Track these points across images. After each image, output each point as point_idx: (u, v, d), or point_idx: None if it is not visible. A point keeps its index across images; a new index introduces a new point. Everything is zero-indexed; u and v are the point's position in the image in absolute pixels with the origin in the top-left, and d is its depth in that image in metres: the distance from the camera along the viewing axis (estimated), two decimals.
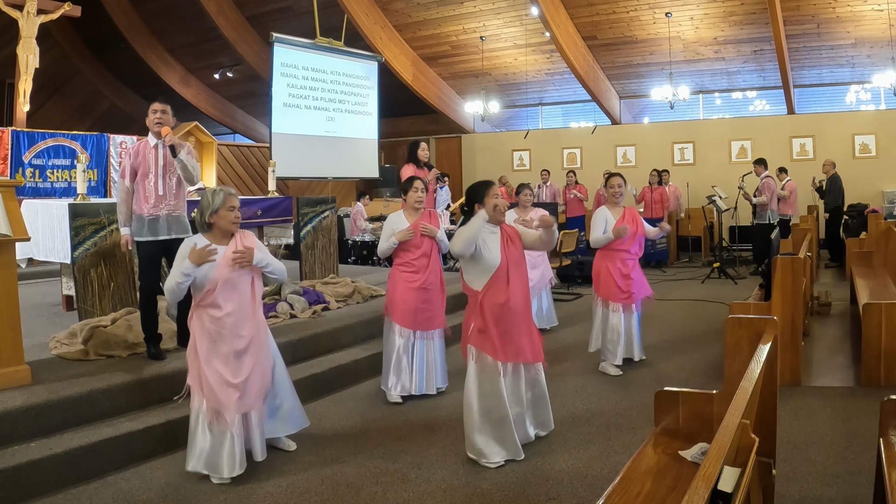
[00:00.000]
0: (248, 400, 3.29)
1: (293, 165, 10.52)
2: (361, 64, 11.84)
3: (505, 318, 3.37)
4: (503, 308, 3.36)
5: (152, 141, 4.16)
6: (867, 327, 4.46)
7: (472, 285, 3.42)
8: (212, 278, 3.23)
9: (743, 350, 2.68)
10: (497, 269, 3.37)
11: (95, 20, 12.96)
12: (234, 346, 3.26)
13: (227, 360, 3.24)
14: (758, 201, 9.55)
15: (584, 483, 3.20)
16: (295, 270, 6.76)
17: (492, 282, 3.36)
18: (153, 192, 4.12)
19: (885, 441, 2.41)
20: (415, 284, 4.38)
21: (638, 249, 5.10)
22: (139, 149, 4.14)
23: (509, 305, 3.38)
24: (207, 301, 3.24)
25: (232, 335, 3.25)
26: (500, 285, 3.37)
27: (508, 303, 3.38)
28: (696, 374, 4.96)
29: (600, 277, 5.06)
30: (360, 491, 3.18)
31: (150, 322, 4.20)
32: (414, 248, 4.40)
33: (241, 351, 3.28)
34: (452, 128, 14.87)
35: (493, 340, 3.35)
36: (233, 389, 3.22)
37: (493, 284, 3.37)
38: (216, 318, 3.24)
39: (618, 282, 4.97)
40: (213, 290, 3.23)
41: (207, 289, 3.22)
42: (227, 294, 3.25)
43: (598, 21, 11.37)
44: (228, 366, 3.24)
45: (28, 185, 8.64)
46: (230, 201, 3.29)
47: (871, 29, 10.08)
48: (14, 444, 3.23)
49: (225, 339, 3.24)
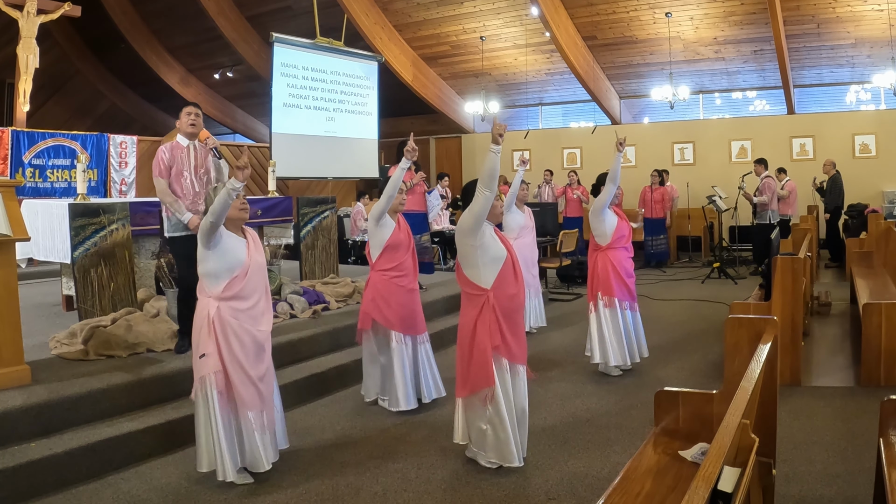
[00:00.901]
0: (265, 397, 3.25)
1: (293, 165, 10.52)
2: (361, 64, 11.84)
3: (513, 314, 3.32)
4: (513, 300, 3.31)
5: (184, 142, 4.26)
6: (867, 327, 4.46)
7: (480, 282, 3.29)
8: (244, 261, 3.17)
9: (743, 350, 2.68)
10: (504, 261, 3.31)
11: (95, 20, 12.96)
12: (257, 340, 3.23)
13: (249, 356, 3.19)
14: (758, 201, 9.55)
15: (584, 483, 3.20)
16: (295, 270, 6.77)
17: (501, 275, 3.29)
18: (190, 191, 4.23)
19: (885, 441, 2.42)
20: (407, 288, 4.26)
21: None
22: (172, 150, 4.23)
23: (520, 298, 3.35)
24: (232, 292, 3.15)
25: (254, 329, 3.21)
26: (509, 278, 3.31)
27: (519, 295, 3.34)
28: (696, 374, 4.96)
29: (609, 276, 4.83)
30: (360, 491, 3.18)
31: (186, 316, 4.20)
32: (404, 248, 4.27)
33: (261, 347, 3.25)
34: (452, 128, 14.87)
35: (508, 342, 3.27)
36: (254, 387, 3.19)
37: (503, 278, 3.30)
38: (240, 311, 3.17)
39: (625, 280, 4.87)
40: (244, 275, 3.16)
41: (236, 275, 3.15)
42: (254, 284, 3.21)
43: (598, 21, 11.36)
44: (250, 361, 3.19)
45: (28, 185, 8.63)
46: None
47: (871, 29, 10.08)
48: (14, 444, 3.23)
49: (248, 333, 3.19)
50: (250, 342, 3.19)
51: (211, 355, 3.14)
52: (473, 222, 3.22)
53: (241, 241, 3.26)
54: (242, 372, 3.16)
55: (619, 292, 4.83)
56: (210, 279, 3.17)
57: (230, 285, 3.15)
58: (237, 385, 3.15)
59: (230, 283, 3.15)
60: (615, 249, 4.89)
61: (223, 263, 3.15)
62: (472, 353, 3.28)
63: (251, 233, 3.36)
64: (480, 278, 3.30)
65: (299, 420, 4.16)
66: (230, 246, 3.17)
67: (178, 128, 4.29)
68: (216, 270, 3.15)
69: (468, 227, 3.24)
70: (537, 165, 13.53)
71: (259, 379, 3.22)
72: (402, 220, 4.37)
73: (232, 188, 3.05)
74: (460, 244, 3.34)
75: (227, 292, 3.15)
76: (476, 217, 3.20)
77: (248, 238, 3.31)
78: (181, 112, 4.25)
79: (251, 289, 3.20)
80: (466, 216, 3.26)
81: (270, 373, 3.35)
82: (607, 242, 4.89)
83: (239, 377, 3.16)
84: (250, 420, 3.19)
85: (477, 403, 3.29)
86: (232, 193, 3.06)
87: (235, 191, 3.07)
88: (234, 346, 3.15)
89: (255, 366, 3.21)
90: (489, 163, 3.17)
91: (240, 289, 3.16)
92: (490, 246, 3.29)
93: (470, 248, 3.28)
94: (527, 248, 6.19)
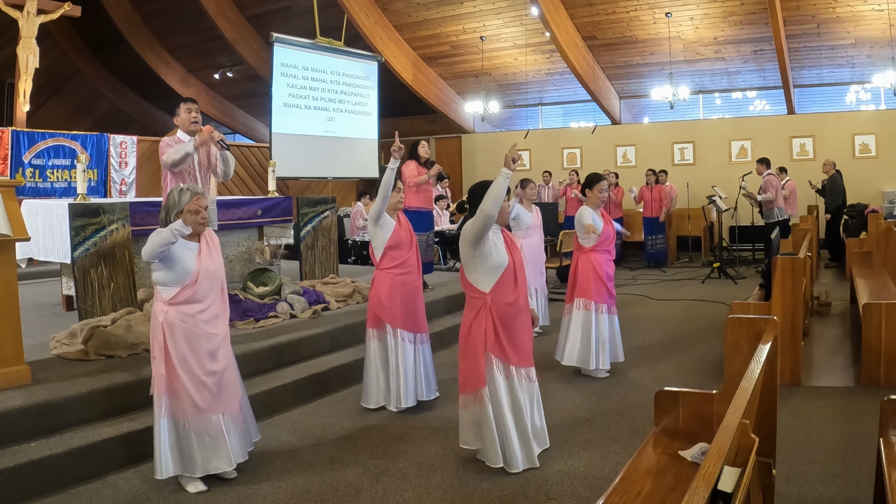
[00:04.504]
0: (223, 398, 3.23)
1: (293, 165, 10.52)
2: (361, 64, 11.84)
3: (511, 319, 3.33)
4: (511, 307, 3.33)
5: (185, 138, 4.23)
6: (867, 327, 4.46)
7: (479, 286, 3.33)
8: (193, 271, 3.17)
9: (743, 350, 2.68)
10: (505, 268, 3.33)
11: (95, 20, 12.96)
12: (210, 344, 3.21)
13: (202, 359, 3.17)
14: (763, 198, 9.56)
15: (584, 483, 3.20)
16: (295, 270, 6.77)
17: (500, 282, 3.31)
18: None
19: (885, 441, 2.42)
20: (412, 285, 4.29)
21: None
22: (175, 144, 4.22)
23: (518, 304, 3.36)
24: (185, 296, 3.15)
25: (207, 333, 3.20)
26: (508, 285, 3.33)
27: (517, 302, 3.36)
28: (695, 374, 4.96)
29: (588, 279, 4.84)
30: (360, 491, 3.18)
31: None
32: (406, 246, 4.28)
33: (215, 349, 3.23)
34: (452, 128, 14.87)
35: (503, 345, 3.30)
36: (206, 389, 3.16)
37: (502, 284, 3.32)
38: (191, 315, 3.16)
39: (606, 283, 4.87)
40: (194, 283, 3.16)
41: (188, 283, 3.15)
42: (207, 288, 3.21)
43: (598, 21, 11.36)
44: (202, 365, 3.17)
45: (28, 185, 8.63)
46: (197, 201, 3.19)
47: (871, 29, 10.08)
48: (14, 444, 3.23)
49: (200, 336, 3.17)
50: (202, 344, 3.18)
51: (158, 358, 3.14)
52: (473, 237, 3.26)
53: (194, 247, 3.23)
54: (192, 374, 3.14)
55: (597, 295, 4.83)
56: (161, 286, 3.19)
57: (180, 293, 3.16)
58: (188, 387, 3.13)
59: (181, 291, 3.16)
60: (598, 252, 4.90)
61: (171, 274, 3.16)
62: (467, 354, 3.35)
63: (208, 236, 3.32)
64: (479, 283, 3.34)
65: (299, 420, 4.16)
66: (179, 256, 3.16)
67: (179, 124, 4.26)
68: (164, 280, 3.17)
69: (469, 240, 3.28)
70: (537, 165, 13.54)
71: (213, 380, 3.19)
72: (403, 217, 4.37)
73: (177, 230, 3.09)
74: (462, 250, 3.37)
75: (178, 298, 3.16)
76: (476, 234, 3.25)
77: (202, 243, 3.26)
78: (180, 108, 4.22)
79: (202, 294, 3.20)
80: (468, 230, 3.29)
81: (230, 372, 3.32)
82: (591, 245, 4.90)
83: (190, 379, 3.14)
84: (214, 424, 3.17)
85: (471, 402, 3.33)
86: (175, 235, 3.09)
87: (178, 233, 3.10)
88: (183, 349, 3.14)
89: (206, 367, 3.18)
90: (497, 187, 3.18)
91: (190, 295, 3.17)
92: (490, 254, 3.31)
93: (470, 255, 3.33)
94: (535, 248, 6.19)
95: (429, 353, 4.41)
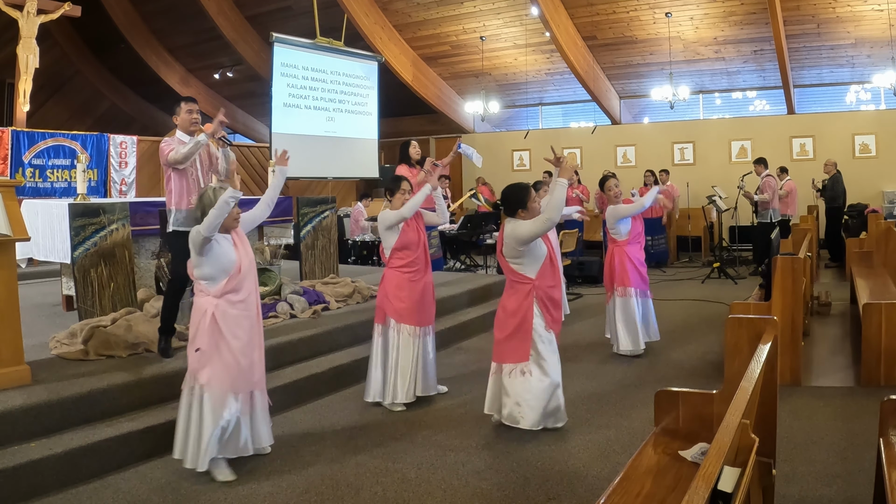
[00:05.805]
0: (256, 377, 3.41)
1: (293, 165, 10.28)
2: (361, 64, 11.84)
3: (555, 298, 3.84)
4: (553, 289, 3.84)
5: (185, 138, 4.22)
6: (867, 327, 4.46)
7: (528, 274, 3.77)
8: (236, 261, 3.34)
9: (743, 350, 2.68)
10: (545, 257, 3.80)
11: (95, 20, 12.96)
12: (257, 328, 3.42)
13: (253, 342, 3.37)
14: (760, 199, 9.56)
15: (584, 483, 3.20)
16: (295, 270, 6.77)
17: (544, 268, 3.78)
18: (196, 185, 4.25)
19: (885, 441, 2.42)
20: (421, 284, 4.32)
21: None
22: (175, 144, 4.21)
23: (558, 285, 3.93)
24: (232, 286, 3.30)
25: (253, 319, 3.40)
26: (548, 270, 3.81)
27: (557, 284, 3.90)
28: (696, 374, 4.96)
29: (625, 269, 5.35)
30: (360, 491, 3.18)
31: (171, 315, 4.24)
32: (414, 246, 4.31)
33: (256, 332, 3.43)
34: (452, 128, 14.87)
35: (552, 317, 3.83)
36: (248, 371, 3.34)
37: (544, 270, 3.79)
38: (240, 302, 3.33)
39: (639, 269, 5.39)
40: (238, 272, 3.32)
41: (233, 272, 3.31)
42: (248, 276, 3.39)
43: (598, 21, 11.37)
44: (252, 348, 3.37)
45: (28, 185, 8.64)
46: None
47: (871, 29, 10.08)
48: (14, 444, 3.23)
49: (251, 322, 3.38)
50: (247, 328, 3.36)
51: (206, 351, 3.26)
52: (529, 237, 3.68)
53: (228, 239, 3.39)
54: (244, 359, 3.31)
55: (634, 282, 5.37)
56: (206, 281, 3.32)
57: (228, 283, 3.31)
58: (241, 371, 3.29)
59: (227, 281, 3.31)
60: (631, 245, 5.45)
61: (218, 266, 3.31)
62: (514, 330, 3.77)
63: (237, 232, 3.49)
64: (527, 272, 3.78)
65: (299, 420, 4.17)
66: (223, 249, 3.33)
67: (178, 124, 4.23)
68: (212, 274, 3.30)
69: (525, 238, 3.68)
70: (537, 165, 13.54)
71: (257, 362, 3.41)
72: (412, 218, 4.38)
73: (231, 196, 3.24)
74: (509, 246, 3.76)
75: (226, 288, 3.31)
76: (535, 235, 3.67)
77: (233, 236, 3.44)
78: (180, 108, 4.18)
79: (245, 282, 3.39)
80: (525, 230, 3.67)
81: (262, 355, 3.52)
82: (623, 239, 5.44)
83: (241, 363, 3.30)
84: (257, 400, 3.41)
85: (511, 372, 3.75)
86: (231, 202, 3.24)
87: (235, 199, 3.26)
88: (238, 336, 3.31)
89: (255, 350, 3.40)
90: (559, 194, 3.67)
91: (236, 283, 3.33)
92: (536, 247, 3.76)
93: (517, 251, 3.74)
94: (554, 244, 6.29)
95: (432, 348, 4.43)
